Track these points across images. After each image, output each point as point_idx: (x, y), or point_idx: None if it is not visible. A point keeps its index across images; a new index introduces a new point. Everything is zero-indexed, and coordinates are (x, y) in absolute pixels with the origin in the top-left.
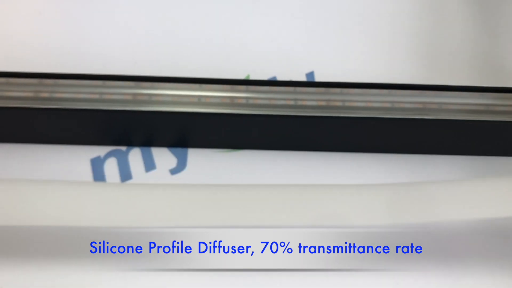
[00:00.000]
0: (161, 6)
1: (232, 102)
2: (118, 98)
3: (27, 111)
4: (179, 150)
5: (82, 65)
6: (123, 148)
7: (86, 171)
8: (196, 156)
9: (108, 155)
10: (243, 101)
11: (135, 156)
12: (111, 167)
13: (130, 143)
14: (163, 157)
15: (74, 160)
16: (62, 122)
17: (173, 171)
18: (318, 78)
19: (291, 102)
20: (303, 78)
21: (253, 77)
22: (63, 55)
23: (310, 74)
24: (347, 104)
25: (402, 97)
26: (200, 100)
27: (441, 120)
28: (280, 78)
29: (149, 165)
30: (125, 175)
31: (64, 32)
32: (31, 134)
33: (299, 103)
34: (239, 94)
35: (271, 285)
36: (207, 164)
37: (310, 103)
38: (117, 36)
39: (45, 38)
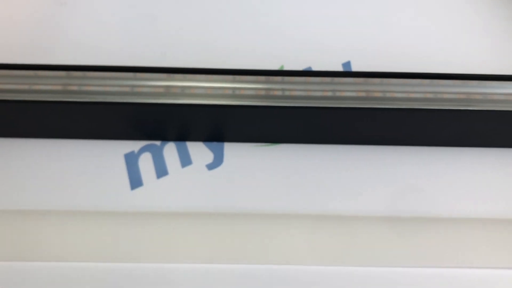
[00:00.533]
0: None
1: (267, 94)
2: (150, 91)
3: (56, 105)
4: (215, 144)
5: (110, 56)
6: (158, 142)
7: (121, 167)
8: (233, 151)
9: (142, 150)
10: (279, 93)
11: (170, 151)
12: (146, 162)
13: (164, 138)
14: (199, 152)
15: (108, 156)
16: (92, 116)
17: (210, 166)
18: (355, 68)
19: (329, 94)
20: (339, 68)
21: (287, 67)
22: (88, 46)
23: (347, 64)
24: (387, 95)
25: (445, 87)
26: (234, 92)
27: (485, 111)
28: (315, 68)
29: (185, 160)
30: (161, 170)
31: (88, 23)
32: (61, 129)
33: (337, 94)
34: (275, 85)
35: None
36: (244, 158)
37: (349, 94)
38: (144, 25)
39: (69, 29)
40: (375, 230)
